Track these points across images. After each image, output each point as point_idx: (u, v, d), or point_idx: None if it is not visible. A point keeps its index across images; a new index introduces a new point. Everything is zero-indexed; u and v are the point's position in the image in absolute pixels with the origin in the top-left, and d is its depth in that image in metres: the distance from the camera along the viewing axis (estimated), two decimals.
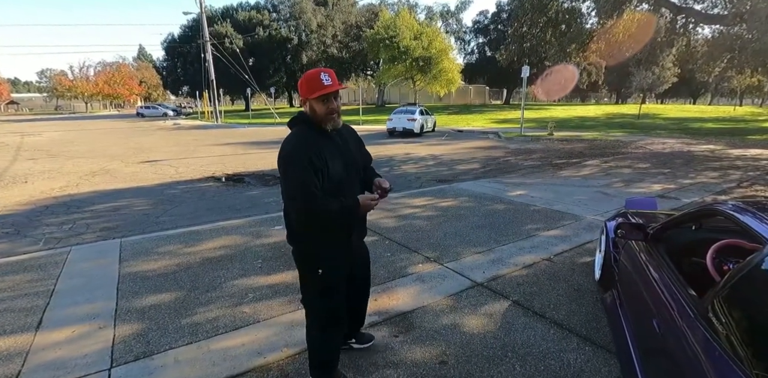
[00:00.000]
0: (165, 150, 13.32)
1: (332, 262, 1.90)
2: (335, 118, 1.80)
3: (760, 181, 7.50)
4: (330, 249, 1.88)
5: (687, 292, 1.72)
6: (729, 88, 49.23)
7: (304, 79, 1.77)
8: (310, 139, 1.76)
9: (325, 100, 1.74)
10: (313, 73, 1.75)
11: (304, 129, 1.81)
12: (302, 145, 1.73)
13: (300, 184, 1.68)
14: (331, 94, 1.75)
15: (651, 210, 3.49)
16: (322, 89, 1.71)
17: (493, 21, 43.52)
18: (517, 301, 2.98)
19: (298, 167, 1.68)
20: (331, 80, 1.73)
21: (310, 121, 1.81)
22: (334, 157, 1.79)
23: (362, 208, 1.81)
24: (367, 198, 1.83)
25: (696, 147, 13.28)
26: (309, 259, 1.92)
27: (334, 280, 1.94)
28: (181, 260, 3.76)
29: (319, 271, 1.88)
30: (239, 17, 40.81)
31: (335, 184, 1.77)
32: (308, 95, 1.75)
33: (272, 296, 3.05)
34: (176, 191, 7.24)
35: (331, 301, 1.96)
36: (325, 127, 1.80)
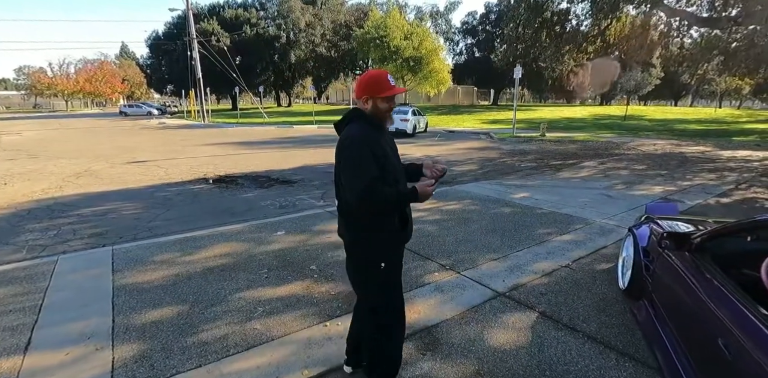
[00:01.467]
0: (152, 150, 12.90)
1: (394, 256, 1.93)
2: (391, 116, 1.93)
3: (757, 183, 7.55)
4: (391, 241, 1.90)
5: (761, 312, 1.58)
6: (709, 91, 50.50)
7: (371, 79, 1.83)
8: (372, 133, 1.82)
9: (389, 99, 1.85)
10: (381, 74, 1.84)
11: (366, 124, 1.85)
12: (367, 137, 1.78)
13: (358, 171, 1.71)
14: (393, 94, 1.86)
15: (671, 215, 3.40)
16: (391, 90, 1.82)
17: (482, 22, 43.72)
18: (544, 312, 2.83)
19: (359, 157, 1.73)
20: (395, 83, 1.88)
21: (368, 118, 1.86)
22: (391, 152, 1.88)
23: (421, 195, 1.77)
24: (424, 184, 1.78)
25: (686, 148, 13.44)
26: (371, 253, 1.87)
27: (397, 275, 1.96)
28: (181, 270, 3.51)
29: (381, 265, 1.86)
30: (226, 15, 40.09)
31: (392, 176, 1.81)
32: (377, 94, 1.80)
33: (284, 310, 2.84)
34: (167, 194, 6.93)
35: (396, 298, 1.98)
36: (383, 124, 1.90)
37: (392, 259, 1.92)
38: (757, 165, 9.88)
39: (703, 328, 1.88)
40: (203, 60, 29.52)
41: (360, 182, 1.68)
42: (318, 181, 7.83)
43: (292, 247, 4.07)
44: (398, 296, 2.00)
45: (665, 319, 2.31)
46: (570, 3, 11.08)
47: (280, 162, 10.37)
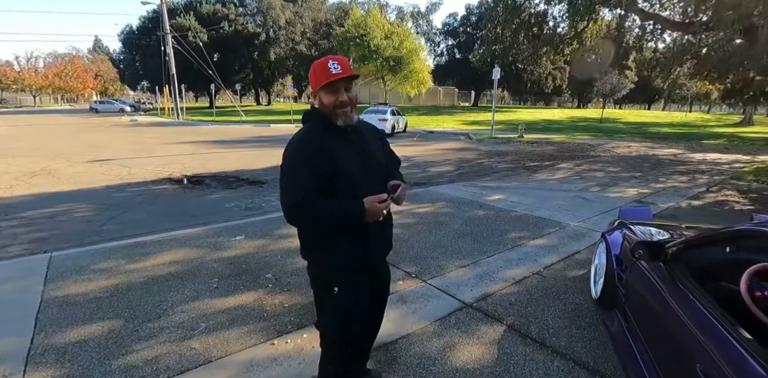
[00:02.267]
0: (118, 148, 12.30)
1: (348, 280, 1.64)
2: (347, 112, 1.55)
3: (727, 186, 7.64)
4: (345, 263, 1.62)
5: (740, 334, 1.42)
6: (680, 95, 52.11)
7: (311, 70, 1.55)
8: (316, 136, 1.54)
9: (333, 90, 1.51)
10: (321, 60, 1.53)
11: (314, 125, 1.59)
12: (305, 142, 1.54)
13: (287, 184, 1.51)
14: (340, 82, 1.51)
15: (646, 220, 3.28)
16: (329, 77, 1.48)
17: (463, 24, 43.95)
18: (513, 325, 2.65)
19: (290, 167, 1.51)
20: (341, 68, 1.50)
21: (319, 116, 1.59)
22: (348, 157, 1.55)
23: (368, 212, 1.50)
24: (373, 199, 1.51)
25: (659, 151, 13.66)
26: (322, 275, 1.68)
27: (352, 302, 1.66)
28: (121, 280, 3.19)
29: (334, 289, 1.63)
30: (203, 10, 39.04)
31: (349, 186, 1.54)
32: (315, 86, 1.53)
33: (229, 326, 2.57)
34: (126, 194, 6.53)
35: (348, 328, 1.70)
36: (335, 122, 1.56)
37: (349, 285, 1.64)
38: (727, 168, 10.06)
39: (677, 348, 1.72)
40: (179, 56, 28.66)
41: (287, 197, 1.50)
42: None
43: (249, 254, 3.79)
44: (360, 328, 1.74)
45: (638, 333, 2.15)
46: (548, 5, 11.08)
47: (253, 161, 10.01)
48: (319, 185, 1.49)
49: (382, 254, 1.78)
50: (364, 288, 1.69)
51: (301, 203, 1.47)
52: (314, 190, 1.48)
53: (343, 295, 1.64)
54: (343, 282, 1.64)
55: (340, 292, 1.63)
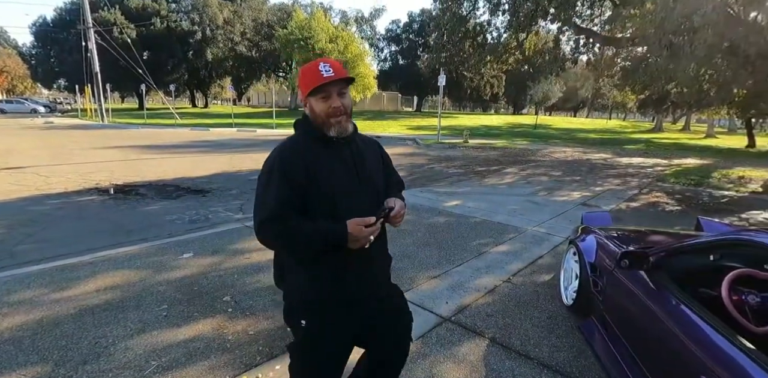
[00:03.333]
0: (31, 154, 10.88)
1: (319, 312, 1.40)
2: (341, 122, 1.36)
3: (655, 188, 8.34)
4: (316, 293, 1.40)
5: (741, 342, 1.43)
6: (601, 104, 57.07)
7: (300, 74, 1.38)
8: (301, 147, 1.38)
9: (325, 95, 1.33)
10: (310, 64, 1.36)
11: (302, 134, 1.42)
12: (287, 152, 1.37)
13: (259, 197, 1.34)
14: (332, 87, 1.33)
15: (607, 225, 3.40)
16: (319, 80, 1.30)
17: (405, 30, 44.78)
18: (494, 338, 2.58)
19: (266, 178, 1.34)
20: (333, 70, 1.32)
21: (309, 125, 1.41)
22: (333, 172, 1.36)
23: (351, 236, 1.27)
24: (358, 222, 1.27)
25: (592, 155, 14.71)
26: (290, 304, 1.46)
27: (321, 340, 1.41)
28: (46, 313, 2.70)
29: (302, 322, 1.40)
30: (131, 4, 36.17)
31: (327, 205, 1.34)
32: (305, 91, 1.35)
33: (186, 362, 2.24)
34: (45, 208, 5.71)
35: (315, 370, 1.45)
36: (327, 133, 1.37)
37: (320, 322, 1.40)
38: (650, 171, 11.03)
39: (667, 354, 1.73)
40: (103, 53, 26.24)
41: (259, 211, 1.32)
42: (236, 190, 7.05)
43: (201, 273, 3.41)
44: (322, 370, 1.46)
45: (622, 342, 2.17)
46: (492, 15, 11.57)
47: (194, 168, 9.30)
48: (293, 200, 1.31)
49: (368, 286, 1.47)
50: (339, 325, 1.42)
51: (273, 218, 1.29)
52: (289, 205, 1.30)
53: (312, 331, 1.40)
54: (311, 317, 1.40)
55: (308, 325, 1.40)
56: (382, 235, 1.49)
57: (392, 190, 1.57)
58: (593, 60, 11.61)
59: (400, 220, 1.42)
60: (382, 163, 1.59)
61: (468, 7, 12.36)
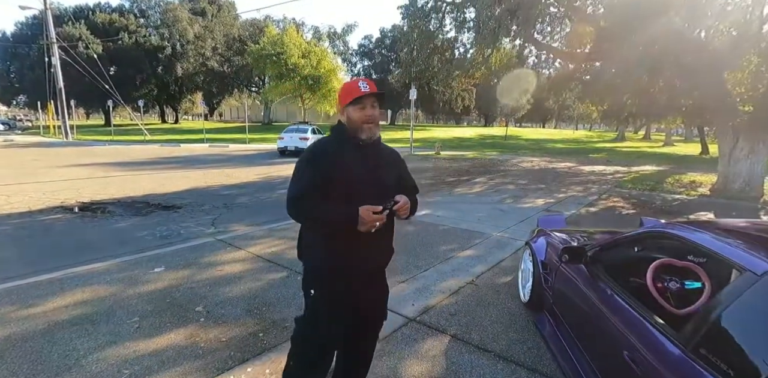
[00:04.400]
0: None
1: (332, 286, 1.71)
2: (372, 128, 1.69)
3: (614, 194, 8.83)
4: (325, 267, 1.71)
5: (655, 320, 1.65)
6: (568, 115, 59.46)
7: (341, 89, 1.75)
8: (332, 144, 1.71)
9: (361, 105, 1.66)
10: (352, 81, 1.71)
11: (333, 136, 1.75)
12: (319, 148, 1.70)
13: (292, 179, 1.66)
14: (369, 99, 1.66)
15: (561, 227, 3.66)
16: (358, 92, 1.64)
17: (378, 46, 45.79)
18: (455, 335, 2.75)
19: (299, 165, 1.67)
20: (369, 87, 1.67)
21: (343, 130, 1.73)
22: (353, 166, 1.66)
23: (361, 219, 1.53)
24: (369, 208, 1.54)
25: (557, 164, 15.36)
26: (307, 274, 1.79)
27: (328, 308, 1.73)
28: (14, 330, 2.70)
29: (311, 291, 1.73)
30: (97, 19, 35.61)
31: (348, 196, 1.61)
32: (344, 101, 1.69)
33: (159, 369, 2.30)
34: (7, 228, 5.56)
35: (318, 335, 1.75)
36: (359, 136, 1.68)
37: (327, 291, 1.71)
38: (611, 178, 11.64)
39: (605, 339, 1.93)
40: (68, 68, 25.64)
41: (290, 190, 1.65)
42: (208, 206, 7.05)
43: (173, 286, 3.46)
44: (329, 339, 1.77)
45: (568, 330, 2.38)
46: (458, 32, 12.11)
47: (164, 184, 9.21)
48: (318, 182, 1.60)
49: (373, 261, 1.78)
50: (343, 298, 1.72)
51: (301, 196, 1.61)
52: (315, 186, 1.61)
53: (318, 299, 1.71)
54: (321, 287, 1.71)
55: (317, 294, 1.71)
56: (390, 228, 1.79)
57: (406, 192, 1.75)
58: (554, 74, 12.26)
59: (405, 212, 1.67)
60: (399, 169, 1.86)
61: (435, 25, 12.89)
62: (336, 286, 1.71)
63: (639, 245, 2.18)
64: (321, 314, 1.74)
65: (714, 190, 9.20)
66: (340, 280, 1.71)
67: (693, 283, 2.05)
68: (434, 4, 12.36)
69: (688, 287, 2.03)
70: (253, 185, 9.41)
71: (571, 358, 2.22)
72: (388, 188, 1.71)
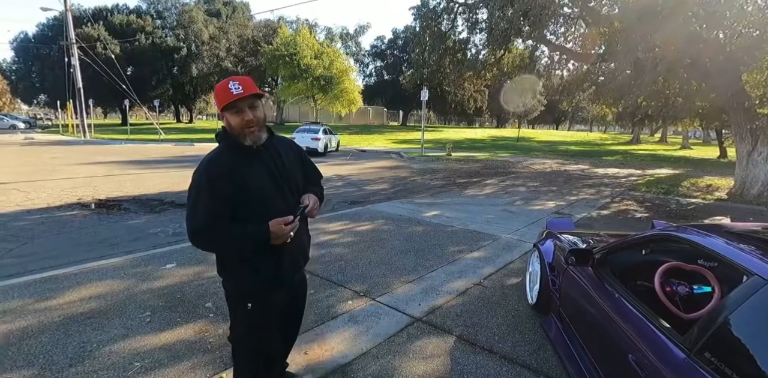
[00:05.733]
0: (11, 170, 10.80)
1: (262, 296, 1.68)
2: (255, 132, 1.57)
3: (627, 197, 8.71)
4: (257, 281, 1.66)
5: (661, 323, 1.64)
6: (582, 117, 58.76)
7: (214, 92, 1.58)
8: (224, 160, 1.56)
9: (237, 110, 1.53)
10: (222, 83, 1.54)
11: (224, 146, 1.62)
12: (211, 167, 1.54)
13: (190, 209, 1.52)
14: (243, 102, 1.52)
15: (569, 230, 3.63)
16: (229, 97, 1.49)
17: (390, 47, 45.83)
18: (461, 335, 2.76)
19: (195, 191, 1.53)
20: (242, 87, 1.50)
21: (228, 137, 1.60)
22: (259, 178, 1.58)
23: (273, 235, 1.52)
24: (279, 222, 1.52)
25: (569, 167, 15.20)
26: (235, 291, 1.71)
27: (265, 317, 1.72)
28: (32, 321, 2.79)
29: (248, 305, 1.67)
30: (115, 20, 36.34)
31: (260, 208, 1.56)
32: (219, 107, 1.55)
33: (169, 362, 2.36)
34: (26, 223, 5.73)
35: (261, 341, 1.74)
36: (243, 142, 1.57)
37: (261, 302, 1.68)
38: (624, 181, 11.48)
39: (610, 342, 1.92)
40: (86, 68, 26.22)
41: (190, 222, 1.51)
42: None
43: (184, 282, 3.53)
44: (272, 341, 1.79)
45: (574, 333, 2.37)
46: (470, 33, 12.08)
47: (178, 183, 9.36)
48: (221, 209, 1.50)
49: (295, 270, 1.81)
50: (277, 303, 1.75)
51: (204, 228, 1.49)
52: (218, 214, 1.49)
53: (256, 311, 1.68)
54: (256, 298, 1.67)
55: (254, 307, 1.67)
56: (305, 229, 1.82)
57: (309, 184, 1.83)
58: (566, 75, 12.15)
59: (316, 212, 1.71)
60: (301, 161, 1.82)
61: (447, 26, 12.88)
62: (268, 295, 1.70)
63: (647, 248, 2.16)
64: (263, 324, 1.72)
65: (731, 195, 9.01)
66: (269, 290, 1.69)
67: (702, 288, 2.03)
68: (446, 5, 12.35)
69: (697, 291, 2.01)
70: None
71: (577, 361, 2.20)
72: (298, 187, 1.73)
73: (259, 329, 1.72)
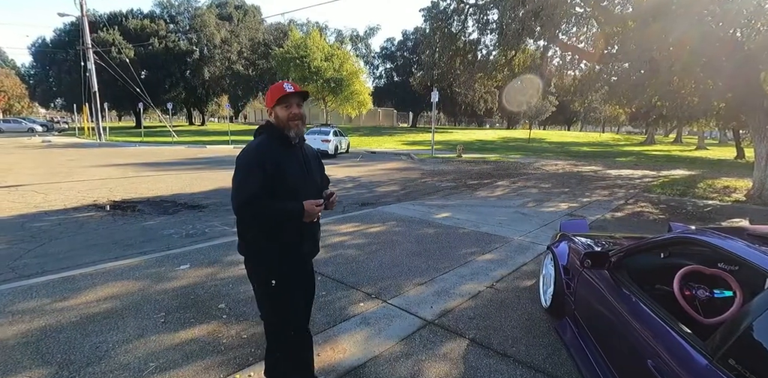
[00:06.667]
0: (29, 172, 11.05)
1: (288, 272, 1.88)
2: (298, 125, 1.84)
3: (641, 199, 8.57)
4: (283, 255, 1.86)
5: (681, 328, 1.61)
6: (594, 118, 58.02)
7: (268, 91, 1.86)
8: (267, 146, 1.82)
9: (287, 105, 1.82)
10: (277, 83, 1.86)
11: (266, 137, 1.86)
12: (257, 150, 1.80)
13: (242, 182, 1.75)
14: (292, 99, 1.82)
15: (583, 232, 3.58)
16: (282, 92, 1.79)
17: (400, 48, 45.87)
18: (474, 338, 2.73)
19: (246, 167, 1.77)
20: (293, 87, 1.83)
21: (273, 129, 1.86)
22: (292, 165, 1.83)
23: (306, 212, 1.78)
24: (312, 202, 1.80)
25: (582, 168, 15.02)
26: (260, 269, 1.90)
27: (290, 291, 1.90)
28: (49, 321, 2.84)
29: (272, 282, 1.85)
30: (130, 25, 37.03)
31: (291, 191, 1.80)
32: (272, 102, 1.82)
33: (183, 362, 2.38)
34: (44, 224, 5.85)
35: (290, 314, 1.93)
36: (288, 134, 1.83)
37: (285, 276, 1.87)
38: (638, 182, 11.29)
39: (628, 347, 1.88)
40: (101, 72, 26.73)
41: (239, 194, 1.74)
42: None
43: (198, 283, 3.56)
44: (300, 314, 1.99)
45: (590, 337, 2.33)
46: (481, 34, 12.02)
47: (191, 185, 9.48)
48: (266, 186, 1.74)
49: (311, 253, 2.02)
50: (296, 280, 1.95)
51: (251, 201, 1.72)
52: (263, 189, 1.73)
53: (279, 288, 1.86)
54: (281, 274, 1.86)
55: (278, 284, 1.85)
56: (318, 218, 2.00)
57: (325, 184, 2.14)
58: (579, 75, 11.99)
59: (335, 204, 2.00)
60: (320, 165, 2.12)
61: (458, 27, 12.83)
62: (291, 272, 1.90)
63: (665, 251, 2.12)
64: (285, 297, 1.89)
65: (749, 196, 8.80)
66: (291, 268, 1.90)
67: (723, 292, 1.98)
68: (456, 6, 12.30)
69: (718, 296, 1.96)
70: None
71: (593, 366, 2.17)
72: (317, 183, 1.99)
73: (285, 305, 1.90)
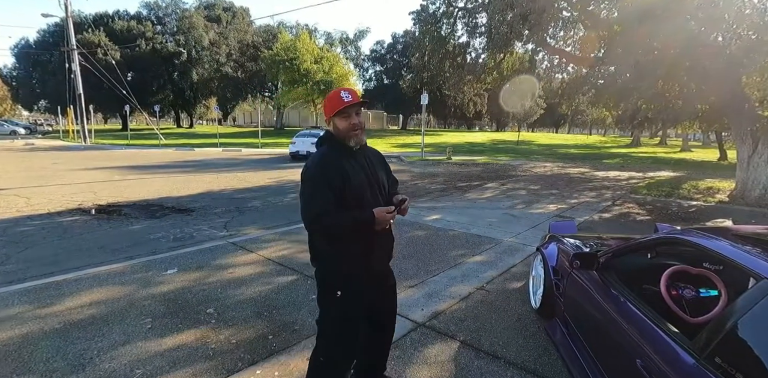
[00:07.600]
0: (12, 175, 10.81)
1: (354, 285, 1.84)
2: (358, 134, 1.82)
3: (628, 200, 8.69)
4: (351, 268, 1.82)
5: (668, 328, 1.62)
6: (582, 120, 58.84)
7: (326, 100, 1.83)
8: (332, 158, 1.79)
9: (346, 115, 1.78)
10: (335, 91, 1.80)
11: (329, 148, 1.84)
12: (323, 163, 1.77)
13: (309, 198, 1.74)
14: (351, 109, 1.78)
15: (572, 233, 3.62)
16: (342, 104, 1.74)
17: (389, 51, 45.98)
18: (465, 340, 2.73)
19: (311, 183, 1.75)
20: (351, 97, 1.78)
21: (333, 140, 1.84)
22: (357, 175, 1.80)
23: (378, 220, 1.74)
24: (382, 210, 1.76)
25: (570, 170, 15.19)
26: (328, 277, 1.86)
27: (353, 306, 1.86)
28: (32, 328, 2.77)
29: (338, 293, 1.82)
30: (116, 26, 36.51)
31: (357, 200, 1.77)
32: (330, 113, 1.79)
33: (170, 369, 2.33)
34: (27, 228, 5.72)
35: (347, 329, 1.87)
36: (348, 143, 1.82)
37: (351, 290, 1.82)
38: (625, 183, 11.46)
39: (617, 347, 1.90)
40: (87, 74, 26.31)
41: (308, 212, 1.73)
42: (221, 209, 7.14)
43: (185, 288, 3.51)
44: (355, 331, 1.89)
45: (579, 338, 2.34)
46: (470, 37, 12.11)
47: (178, 188, 9.36)
48: (334, 199, 1.73)
49: (383, 261, 1.98)
50: (363, 294, 1.87)
51: (324, 213, 1.72)
52: (331, 203, 1.72)
53: (346, 300, 1.81)
54: (347, 286, 1.81)
55: (343, 295, 1.81)
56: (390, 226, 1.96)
57: (393, 187, 2.09)
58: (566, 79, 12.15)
59: (407, 210, 1.93)
60: (386, 167, 2.07)
61: (447, 30, 12.91)
62: (358, 285, 1.84)
63: (653, 252, 2.15)
64: (350, 312, 1.85)
65: (732, 197, 8.98)
66: (359, 280, 1.84)
67: (709, 291, 2.01)
68: (446, 9, 12.38)
69: (704, 295, 1.99)
70: (265, 189, 9.50)
71: (583, 366, 2.18)
72: (384, 187, 1.95)
73: (345, 318, 1.84)
